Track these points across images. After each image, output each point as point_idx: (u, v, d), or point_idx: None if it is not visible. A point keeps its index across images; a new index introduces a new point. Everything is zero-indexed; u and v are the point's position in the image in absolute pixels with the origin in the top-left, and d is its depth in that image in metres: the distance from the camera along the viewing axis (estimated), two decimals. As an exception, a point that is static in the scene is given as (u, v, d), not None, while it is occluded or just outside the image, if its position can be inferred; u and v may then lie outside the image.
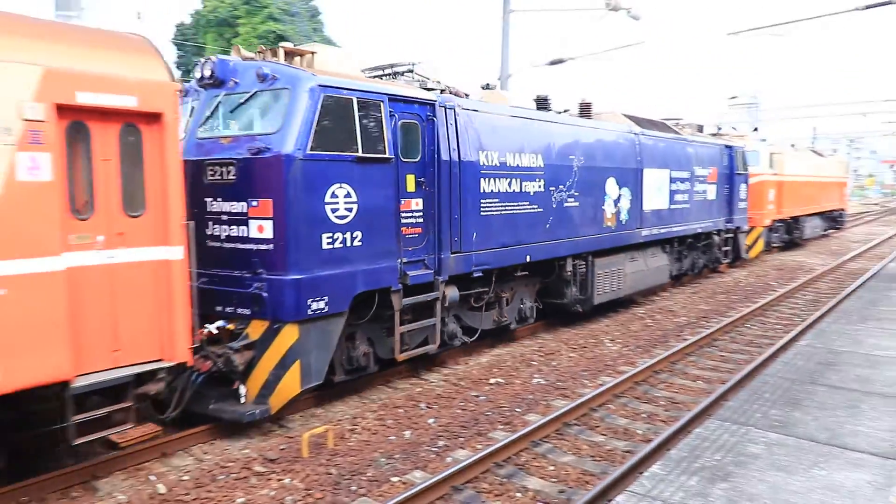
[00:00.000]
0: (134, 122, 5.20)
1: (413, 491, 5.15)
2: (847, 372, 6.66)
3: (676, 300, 14.10)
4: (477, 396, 7.87)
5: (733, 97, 42.33)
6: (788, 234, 23.21)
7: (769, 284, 16.25)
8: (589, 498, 5.09)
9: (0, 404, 4.58)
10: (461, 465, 5.64)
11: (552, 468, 5.99)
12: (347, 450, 6.32)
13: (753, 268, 18.92)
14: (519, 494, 5.48)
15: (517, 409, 7.46)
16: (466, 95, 9.18)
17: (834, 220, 29.18)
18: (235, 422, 6.44)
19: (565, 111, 11.41)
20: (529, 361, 9.37)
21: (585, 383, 8.46)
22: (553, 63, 17.46)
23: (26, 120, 4.46)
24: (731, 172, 16.58)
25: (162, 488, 5.51)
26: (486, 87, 10.57)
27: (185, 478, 5.72)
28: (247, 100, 6.77)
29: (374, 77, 8.52)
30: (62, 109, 4.69)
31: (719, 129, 19.29)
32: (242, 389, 6.55)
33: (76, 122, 4.88)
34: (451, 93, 8.71)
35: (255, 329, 6.52)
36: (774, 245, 22.20)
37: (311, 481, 5.66)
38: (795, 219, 23.39)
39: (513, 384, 8.37)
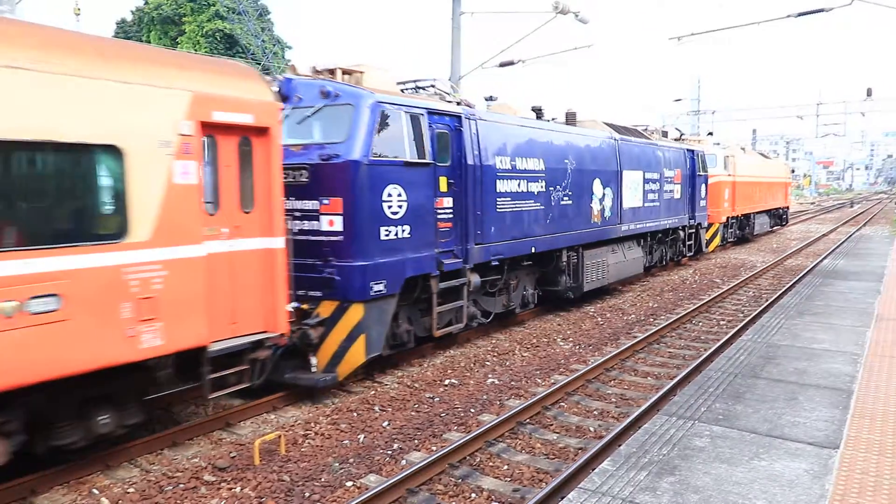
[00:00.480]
0: (248, 135, 6.32)
1: (367, 495, 5.12)
2: (786, 365, 6.94)
3: (626, 298, 14.42)
4: (431, 398, 7.88)
5: (678, 100, 44.79)
6: (741, 230, 25.37)
7: (714, 282, 16.74)
8: (542, 496, 5.14)
9: (143, 367, 5.63)
10: (416, 468, 5.61)
11: (506, 467, 6.03)
12: (300, 455, 6.22)
13: (699, 266, 19.60)
14: (474, 495, 5.49)
15: (471, 410, 7.46)
16: (473, 106, 10.47)
17: (779, 216, 31.71)
18: (311, 387, 7.58)
19: (553, 119, 12.85)
20: (483, 362, 9.46)
21: (539, 382, 8.52)
22: (503, 65, 17.48)
23: (181, 135, 5.56)
24: (693, 174, 18.36)
25: (106, 502, 5.32)
26: (490, 98, 11.89)
27: (131, 490, 5.52)
28: (313, 113, 7.92)
29: (400, 91, 9.73)
30: (202, 125, 5.79)
31: (682, 134, 21.13)
32: (314, 360, 7.69)
33: (209, 135, 5.99)
34: (465, 105, 10.00)
35: (325, 308, 7.68)
36: (729, 240, 24.23)
37: (262, 489, 5.55)
38: (747, 216, 25.56)
39: (467, 385, 8.38)
